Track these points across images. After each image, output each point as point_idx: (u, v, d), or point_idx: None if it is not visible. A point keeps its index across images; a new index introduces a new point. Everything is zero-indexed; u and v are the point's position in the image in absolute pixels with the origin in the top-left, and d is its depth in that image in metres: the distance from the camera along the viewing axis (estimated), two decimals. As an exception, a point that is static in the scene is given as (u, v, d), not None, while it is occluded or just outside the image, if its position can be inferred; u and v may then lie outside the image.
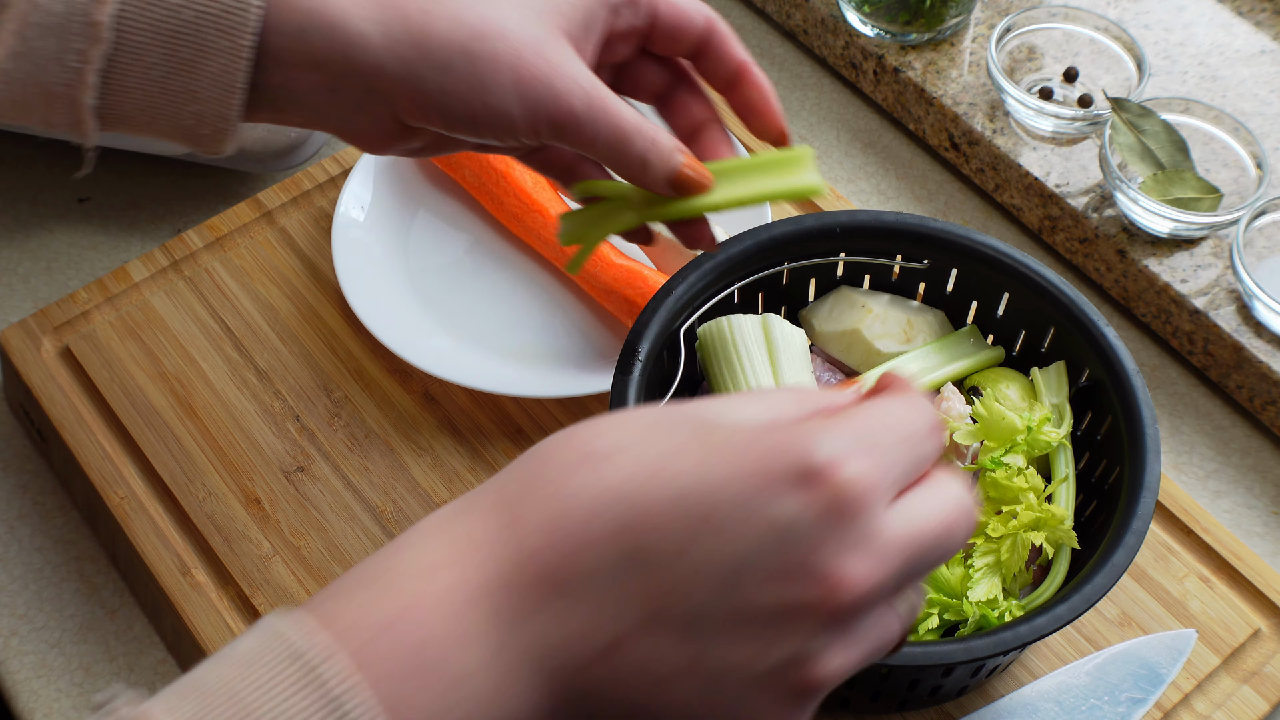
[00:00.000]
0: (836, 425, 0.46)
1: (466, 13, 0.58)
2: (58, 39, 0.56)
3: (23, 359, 0.89)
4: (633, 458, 0.45)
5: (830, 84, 1.11)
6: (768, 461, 0.44)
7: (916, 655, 0.67)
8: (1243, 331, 0.90)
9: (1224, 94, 1.03)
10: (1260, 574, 0.82)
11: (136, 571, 0.82)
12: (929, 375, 0.79)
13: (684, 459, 0.45)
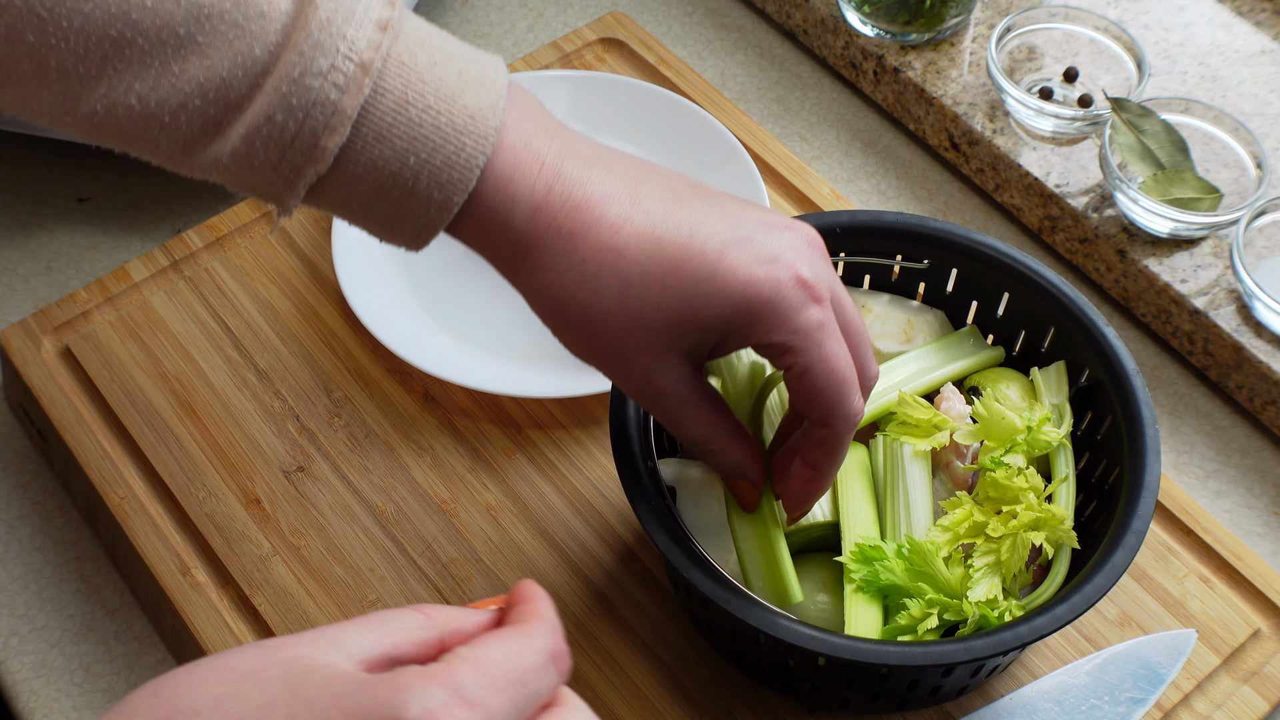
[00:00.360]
0: (436, 676, 0.45)
1: (571, 307, 0.61)
2: (280, 151, 0.58)
3: (23, 359, 0.89)
4: (220, 716, 0.44)
5: (830, 84, 1.11)
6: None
7: (916, 655, 0.67)
8: (1243, 331, 0.90)
9: (1224, 94, 1.03)
10: (1260, 574, 0.82)
11: (136, 571, 0.83)
12: (929, 375, 0.79)
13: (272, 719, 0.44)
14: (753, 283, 0.61)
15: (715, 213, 0.62)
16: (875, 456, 0.77)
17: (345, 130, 0.57)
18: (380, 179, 0.59)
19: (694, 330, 0.62)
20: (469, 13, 1.15)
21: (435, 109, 0.59)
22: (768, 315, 0.61)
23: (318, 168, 0.58)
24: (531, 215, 0.60)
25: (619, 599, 0.80)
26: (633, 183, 0.62)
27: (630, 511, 0.84)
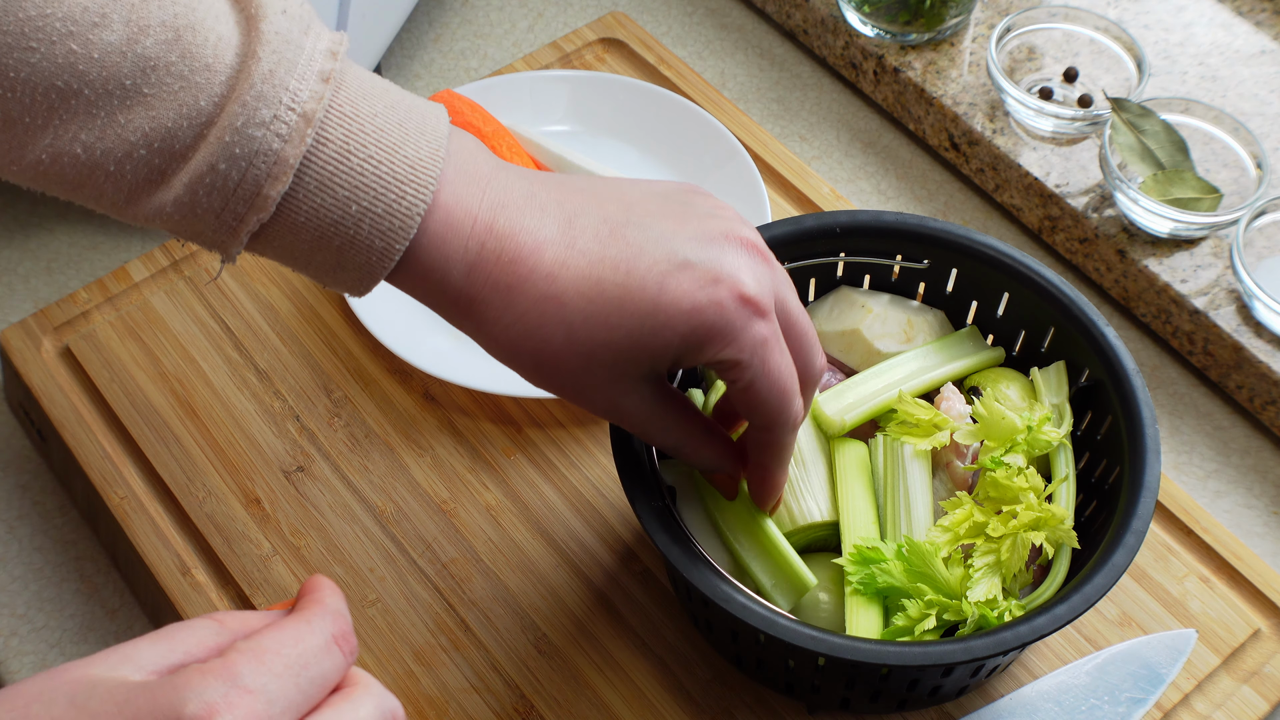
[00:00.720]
0: (213, 670, 0.46)
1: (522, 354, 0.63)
2: (223, 199, 0.58)
3: (23, 359, 0.89)
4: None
5: (830, 84, 1.11)
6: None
7: (916, 655, 0.67)
8: (1243, 331, 0.90)
9: (1224, 94, 1.03)
10: (1260, 574, 0.82)
11: (136, 571, 0.83)
12: (929, 375, 0.79)
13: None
14: (696, 310, 0.61)
15: (651, 238, 0.62)
16: (875, 456, 0.77)
17: (288, 179, 0.58)
18: (322, 227, 0.59)
19: (645, 360, 0.63)
20: (469, 13, 1.15)
21: (377, 158, 0.59)
22: (714, 338, 0.62)
23: (260, 215, 0.59)
24: (467, 273, 0.61)
25: (619, 599, 0.80)
26: (566, 222, 0.62)
27: (630, 511, 0.84)
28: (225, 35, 0.59)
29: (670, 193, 0.66)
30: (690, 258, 0.62)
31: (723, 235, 0.63)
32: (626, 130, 1.00)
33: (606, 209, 0.63)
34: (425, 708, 0.76)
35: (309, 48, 0.59)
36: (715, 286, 0.62)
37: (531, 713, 0.76)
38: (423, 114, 0.61)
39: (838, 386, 0.78)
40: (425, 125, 0.61)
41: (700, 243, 0.63)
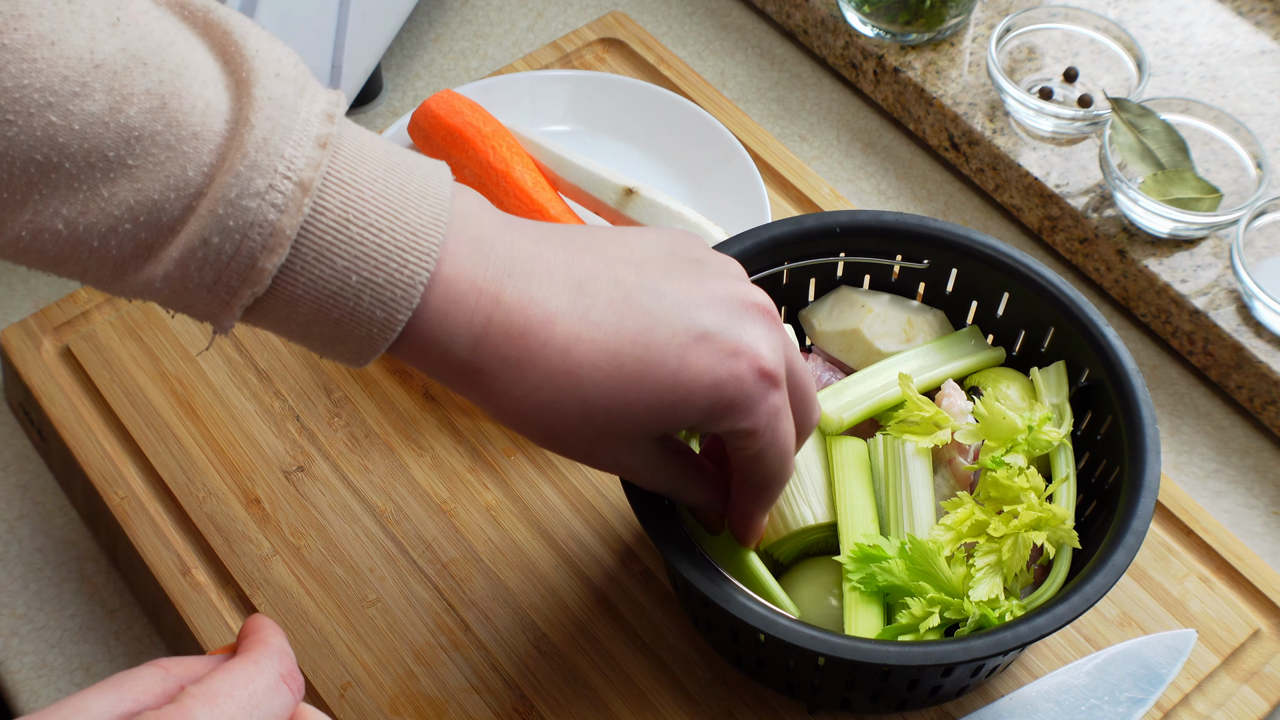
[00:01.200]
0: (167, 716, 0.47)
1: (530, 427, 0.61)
2: (216, 273, 0.56)
3: (23, 359, 0.89)
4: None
5: (830, 84, 1.11)
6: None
7: (916, 655, 0.67)
8: (1243, 331, 0.90)
9: (1224, 94, 1.03)
10: (1260, 574, 0.82)
11: (136, 571, 0.83)
12: (929, 374, 0.79)
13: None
14: (717, 385, 0.61)
15: (668, 306, 0.61)
16: (876, 454, 0.77)
17: (284, 251, 0.55)
18: (321, 298, 0.57)
19: (660, 429, 0.62)
20: (469, 13, 1.15)
21: (377, 226, 0.57)
22: (733, 412, 0.62)
23: (255, 289, 0.56)
24: (473, 346, 0.59)
25: (619, 599, 0.80)
26: (576, 290, 0.60)
27: (630, 511, 0.84)
28: (214, 102, 0.55)
29: (677, 248, 0.64)
30: (709, 328, 0.61)
31: (739, 302, 0.62)
32: (626, 130, 1.00)
33: (617, 271, 0.62)
34: (425, 708, 0.76)
35: (304, 112, 0.56)
36: (735, 360, 0.61)
37: (531, 713, 0.76)
38: (424, 176, 0.59)
39: (836, 385, 0.78)
40: (427, 188, 0.58)
41: (718, 311, 0.62)
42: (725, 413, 0.61)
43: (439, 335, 0.59)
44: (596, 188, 0.90)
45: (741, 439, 0.63)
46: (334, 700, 0.76)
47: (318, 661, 0.78)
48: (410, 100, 1.09)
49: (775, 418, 0.63)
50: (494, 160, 0.94)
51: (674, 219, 0.89)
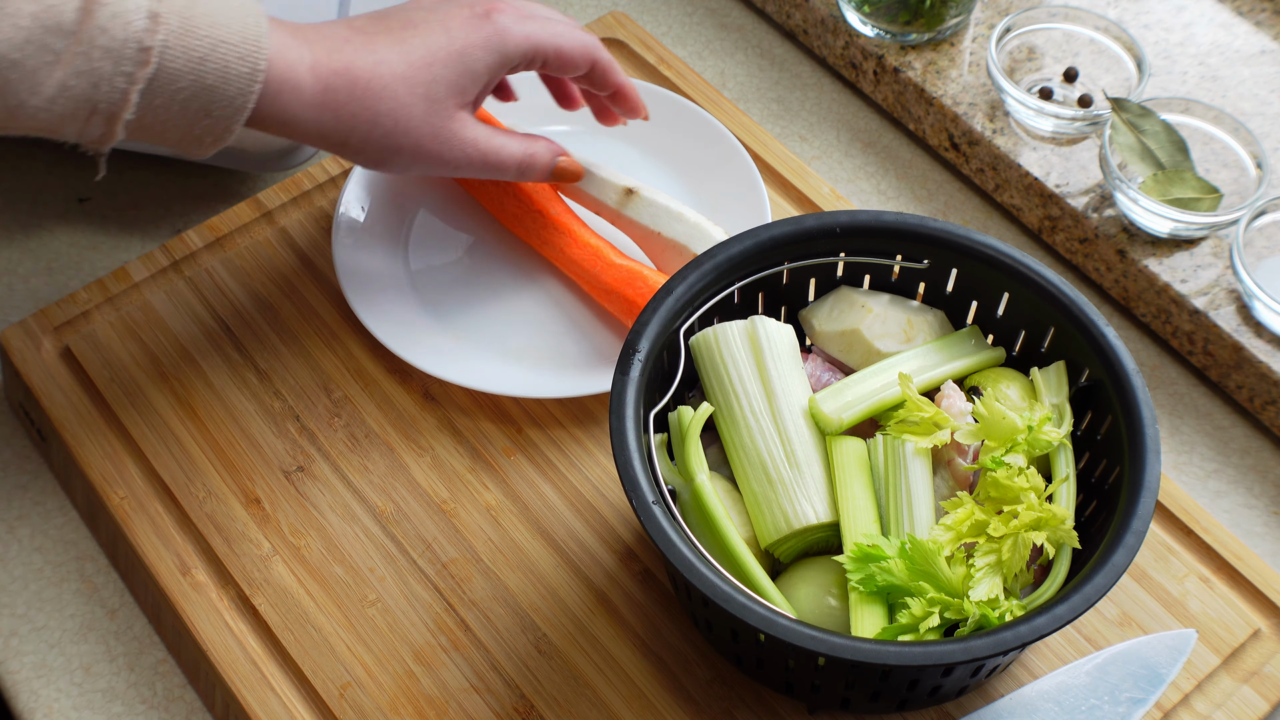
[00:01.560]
0: None
1: (383, 117, 0.78)
2: (114, 61, 0.67)
3: (23, 359, 0.89)
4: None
5: (830, 84, 1.11)
6: None
7: (916, 655, 0.67)
8: (1243, 331, 0.90)
9: (1224, 94, 1.03)
10: (1260, 574, 0.82)
11: (136, 571, 0.82)
12: (929, 374, 0.79)
13: None
14: (487, 31, 0.79)
15: (428, 16, 0.80)
16: (876, 454, 0.77)
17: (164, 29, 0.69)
18: (195, 73, 0.70)
19: (470, 86, 0.80)
20: (469, 13, 1.15)
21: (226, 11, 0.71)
22: (509, 39, 0.80)
23: (148, 70, 0.68)
24: (311, 72, 0.75)
25: (619, 599, 0.80)
26: (348, 23, 0.79)
27: (630, 511, 0.84)
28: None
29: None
30: (445, 10, 0.80)
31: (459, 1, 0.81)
32: (626, 130, 1.00)
33: (383, 22, 0.80)
34: (425, 708, 0.76)
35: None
36: (482, 15, 0.80)
37: (531, 713, 0.76)
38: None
39: (836, 385, 0.78)
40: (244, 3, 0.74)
41: (443, 3, 0.81)
42: (503, 43, 0.80)
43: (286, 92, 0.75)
44: (597, 188, 0.90)
45: (537, 57, 0.82)
46: (334, 700, 0.76)
47: (318, 661, 0.78)
48: (410, 100, 1.09)
49: (538, 20, 0.82)
50: (494, 160, 0.94)
51: (674, 219, 0.89)
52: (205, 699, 0.80)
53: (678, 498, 0.76)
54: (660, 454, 0.77)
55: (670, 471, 0.77)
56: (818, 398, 0.77)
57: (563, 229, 0.91)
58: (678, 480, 0.76)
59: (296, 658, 0.78)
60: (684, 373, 0.79)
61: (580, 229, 0.91)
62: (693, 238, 0.89)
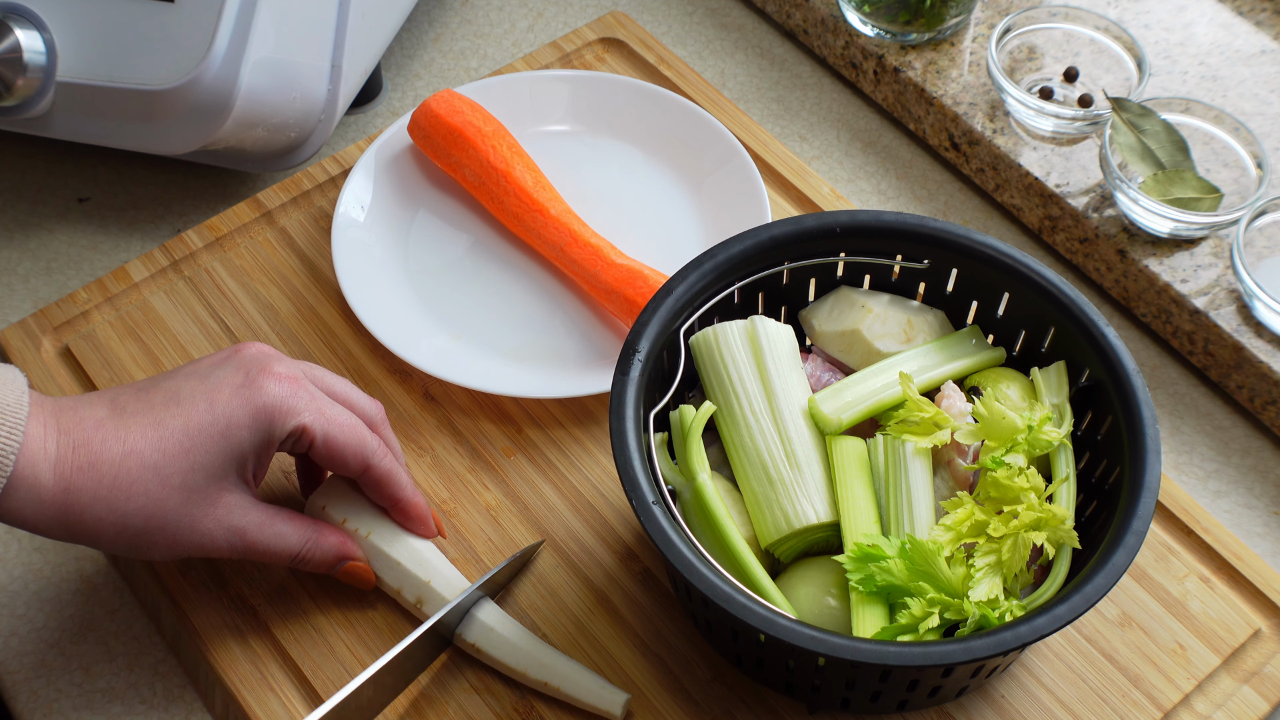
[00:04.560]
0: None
1: (132, 517, 0.71)
2: None
3: (23, 359, 0.89)
4: None
5: (830, 84, 1.11)
6: None
7: (916, 655, 0.67)
8: (1243, 331, 0.90)
9: (1224, 94, 1.03)
10: (1260, 574, 0.81)
11: (136, 572, 0.82)
12: (929, 374, 0.79)
13: None
14: (248, 401, 0.73)
15: (183, 384, 0.74)
16: (876, 454, 0.76)
17: None
18: None
19: (232, 464, 0.73)
20: (469, 13, 1.15)
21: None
22: (276, 415, 0.73)
23: None
24: (52, 469, 0.70)
25: (619, 599, 0.80)
26: (110, 400, 0.73)
27: (630, 511, 0.84)
28: None
29: (200, 365, 0.76)
30: (216, 378, 0.74)
31: (247, 381, 0.74)
32: (626, 130, 1.00)
33: (139, 384, 0.74)
34: (425, 708, 0.76)
35: None
36: (250, 385, 0.73)
37: (531, 713, 0.76)
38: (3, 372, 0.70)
39: (835, 385, 0.78)
40: (5, 377, 0.70)
41: (216, 369, 0.74)
42: (271, 418, 0.73)
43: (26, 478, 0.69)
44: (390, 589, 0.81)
45: (302, 438, 0.74)
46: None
47: (318, 661, 0.78)
48: (410, 100, 1.09)
49: (315, 401, 0.74)
50: (494, 160, 0.94)
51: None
52: (205, 699, 0.80)
53: (678, 497, 0.76)
54: (660, 454, 0.77)
55: (671, 471, 0.77)
56: (818, 398, 0.77)
57: (563, 229, 0.91)
58: (678, 480, 0.76)
59: (296, 658, 0.78)
60: (684, 373, 0.79)
61: (580, 228, 0.91)
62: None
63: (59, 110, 0.92)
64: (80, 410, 0.72)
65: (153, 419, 0.72)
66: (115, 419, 0.72)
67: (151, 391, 0.74)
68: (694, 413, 0.77)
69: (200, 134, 0.90)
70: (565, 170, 0.98)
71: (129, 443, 0.71)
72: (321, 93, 0.95)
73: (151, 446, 0.71)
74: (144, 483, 0.71)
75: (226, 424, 0.72)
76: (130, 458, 0.71)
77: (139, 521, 0.71)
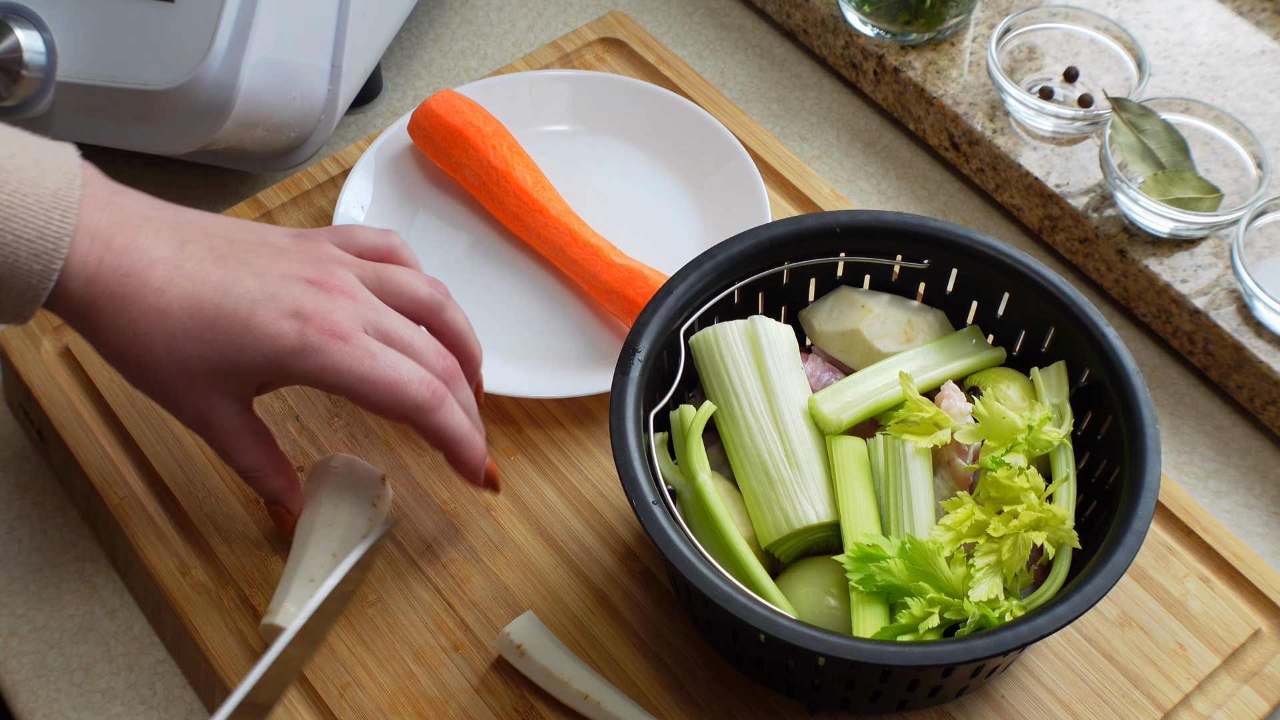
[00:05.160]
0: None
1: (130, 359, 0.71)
2: None
3: (23, 359, 0.89)
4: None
5: (830, 84, 1.11)
6: None
7: (916, 655, 0.67)
8: (1243, 331, 0.90)
9: (1224, 94, 1.03)
10: (1260, 574, 0.81)
11: (136, 571, 0.82)
12: (929, 374, 0.79)
13: None
14: (280, 335, 0.71)
15: (249, 270, 0.72)
16: (876, 454, 0.77)
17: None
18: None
19: (234, 375, 0.72)
20: (469, 13, 1.15)
21: (22, 191, 0.67)
22: (296, 358, 0.71)
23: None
24: (86, 284, 0.69)
25: (619, 599, 0.80)
26: (178, 245, 0.71)
27: (630, 511, 0.84)
28: None
29: (273, 238, 0.74)
30: (278, 291, 0.71)
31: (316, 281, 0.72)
32: (626, 130, 1.00)
33: (214, 239, 0.72)
34: (425, 708, 0.76)
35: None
36: (294, 319, 0.71)
37: (531, 713, 0.76)
38: (55, 152, 0.69)
39: (835, 385, 0.78)
40: (59, 160, 0.69)
41: (291, 283, 0.72)
42: (289, 358, 0.70)
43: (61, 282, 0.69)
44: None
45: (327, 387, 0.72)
46: (334, 700, 0.76)
47: (318, 662, 0.78)
48: (410, 100, 1.09)
49: (347, 358, 0.71)
50: (494, 159, 0.94)
51: None
52: (205, 699, 0.80)
53: (678, 497, 0.76)
54: (660, 454, 0.77)
55: (671, 471, 0.77)
56: (817, 398, 0.77)
57: (563, 229, 0.91)
58: (678, 480, 0.76)
59: (296, 658, 0.78)
60: (684, 373, 0.79)
61: (580, 228, 0.91)
62: None
63: (59, 110, 0.92)
64: (141, 238, 0.70)
65: (194, 289, 0.70)
66: (166, 268, 0.70)
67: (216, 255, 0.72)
68: (694, 413, 0.77)
69: (200, 134, 0.90)
70: (565, 170, 0.98)
71: (163, 299, 0.70)
72: (321, 93, 0.95)
73: (177, 316, 0.70)
74: (153, 340, 0.70)
75: (249, 343, 0.71)
76: (154, 314, 0.70)
77: (132, 363, 0.71)
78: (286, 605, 0.75)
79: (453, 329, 0.78)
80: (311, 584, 0.75)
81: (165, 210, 0.73)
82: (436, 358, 0.75)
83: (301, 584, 0.76)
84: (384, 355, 0.72)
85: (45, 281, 0.68)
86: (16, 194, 0.67)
